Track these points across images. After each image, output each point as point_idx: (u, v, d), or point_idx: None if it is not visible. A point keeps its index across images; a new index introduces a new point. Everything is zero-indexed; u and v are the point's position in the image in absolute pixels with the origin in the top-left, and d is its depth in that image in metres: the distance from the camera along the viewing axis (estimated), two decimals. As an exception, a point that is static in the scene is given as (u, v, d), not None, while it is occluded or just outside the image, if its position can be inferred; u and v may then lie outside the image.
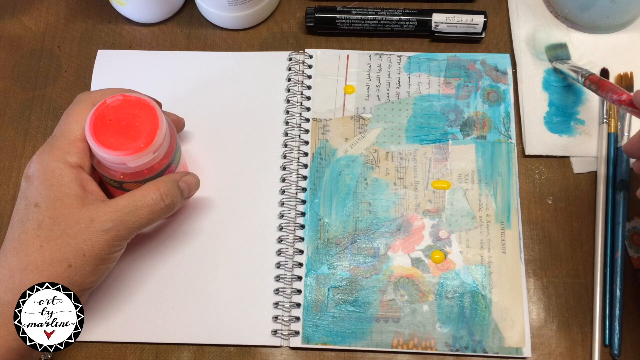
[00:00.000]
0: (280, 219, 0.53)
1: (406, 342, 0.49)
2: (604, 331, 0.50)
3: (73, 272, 0.42)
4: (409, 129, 0.56)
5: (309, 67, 0.58)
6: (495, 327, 0.49)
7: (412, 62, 0.59)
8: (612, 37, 0.59)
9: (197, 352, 0.50)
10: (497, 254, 0.52)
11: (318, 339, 0.50)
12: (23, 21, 0.62)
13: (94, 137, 0.43)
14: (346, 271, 0.51)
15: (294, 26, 0.61)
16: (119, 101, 0.44)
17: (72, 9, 0.62)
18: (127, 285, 0.51)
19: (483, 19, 0.58)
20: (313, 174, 0.54)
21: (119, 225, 0.43)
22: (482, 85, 0.57)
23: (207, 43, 0.60)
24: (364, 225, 0.53)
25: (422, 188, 0.54)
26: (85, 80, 0.59)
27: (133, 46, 0.60)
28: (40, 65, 0.60)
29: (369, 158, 0.55)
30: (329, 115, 0.57)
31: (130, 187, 0.46)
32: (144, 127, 0.43)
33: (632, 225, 0.52)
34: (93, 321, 0.50)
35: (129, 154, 0.42)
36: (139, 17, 0.60)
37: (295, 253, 0.52)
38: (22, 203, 0.43)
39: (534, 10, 0.61)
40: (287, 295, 0.51)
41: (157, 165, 0.45)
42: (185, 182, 0.48)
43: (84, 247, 0.42)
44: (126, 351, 0.50)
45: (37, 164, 0.44)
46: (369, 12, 0.58)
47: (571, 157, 0.55)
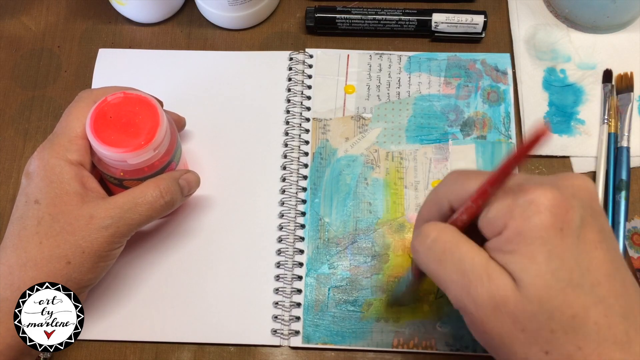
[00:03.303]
0: (281, 218, 0.53)
1: (406, 341, 0.49)
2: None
3: (72, 269, 0.42)
4: (409, 128, 0.56)
5: (309, 66, 0.58)
6: (496, 326, 0.49)
7: (412, 62, 0.59)
8: (612, 37, 0.59)
9: (197, 352, 0.50)
10: (497, 254, 0.52)
11: (318, 338, 0.49)
12: (23, 21, 0.62)
13: (95, 134, 0.43)
14: (346, 271, 0.51)
15: (294, 26, 0.61)
16: (120, 98, 0.44)
17: (72, 9, 0.62)
18: (126, 283, 0.51)
19: (483, 19, 0.58)
20: (313, 174, 0.54)
21: (118, 222, 0.43)
22: (482, 85, 0.57)
23: (207, 43, 0.60)
24: (364, 225, 0.53)
25: (423, 188, 0.54)
26: (85, 80, 0.59)
27: (133, 46, 0.60)
28: (40, 65, 0.60)
29: (369, 158, 0.55)
30: (329, 115, 0.57)
31: (130, 184, 0.46)
32: (145, 124, 0.43)
33: (632, 225, 0.52)
34: (93, 319, 0.50)
35: (129, 151, 0.42)
36: (139, 17, 0.60)
37: (296, 253, 0.52)
38: (22, 200, 0.43)
39: (533, 10, 0.61)
40: (287, 294, 0.51)
41: (157, 163, 0.45)
42: (186, 179, 0.48)
43: (83, 244, 0.42)
44: (126, 351, 0.50)
45: (37, 160, 0.44)
46: (369, 12, 0.59)
47: (571, 157, 0.55)
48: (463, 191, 0.36)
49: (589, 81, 0.57)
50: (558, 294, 0.33)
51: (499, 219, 0.34)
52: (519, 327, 0.33)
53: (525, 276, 0.33)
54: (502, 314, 0.33)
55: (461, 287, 0.35)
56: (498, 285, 0.33)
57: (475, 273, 0.34)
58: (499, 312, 0.33)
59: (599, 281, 0.33)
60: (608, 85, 0.57)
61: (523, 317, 0.33)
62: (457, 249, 0.35)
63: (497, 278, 0.34)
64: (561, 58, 0.59)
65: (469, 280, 0.34)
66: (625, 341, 0.33)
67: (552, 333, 0.33)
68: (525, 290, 0.33)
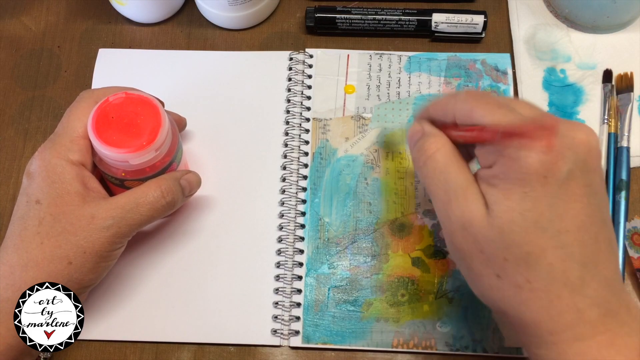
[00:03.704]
0: (281, 218, 0.53)
1: (406, 341, 0.49)
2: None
3: (73, 269, 0.42)
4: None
5: (309, 66, 0.58)
6: (496, 327, 0.49)
7: (412, 61, 0.59)
8: (612, 37, 0.59)
9: (197, 352, 0.50)
10: (497, 254, 0.52)
11: (318, 338, 0.50)
12: (23, 21, 0.62)
13: (96, 135, 0.43)
14: (346, 271, 0.51)
15: (294, 26, 0.61)
16: (122, 99, 0.44)
17: (72, 9, 0.62)
18: (127, 283, 0.51)
19: (483, 19, 0.58)
20: (313, 174, 0.54)
21: (119, 222, 0.43)
22: (482, 85, 0.57)
23: (207, 43, 0.60)
24: (364, 225, 0.53)
25: (422, 188, 0.54)
26: (85, 80, 0.59)
27: (133, 46, 0.60)
28: (40, 65, 0.60)
29: (369, 158, 0.55)
30: (329, 114, 0.57)
31: (131, 184, 0.45)
32: (146, 124, 0.43)
33: (632, 225, 0.52)
34: (93, 319, 0.50)
35: (131, 151, 0.42)
36: (139, 17, 0.60)
37: (296, 252, 0.52)
38: (24, 200, 0.43)
39: (533, 10, 0.61)
40: (287, 294, 0.51)
41: (158, 163, 0.45)
42: (187, 180, 0.48)
43: (84, 244, 0.42)
44: (126, 351, 0.50)
45: (39, 161, 0.44)
46: (369, 12, 0.59)
47: (571, 157, 0.55)
48: (469, 117, 0.39)
49: (589, 81, 0.57)
50: (520, 230, 0.36)
51: (492, 154, 0.37)
52: (478, 247, 0.37)
53: (496, 207, 0.36)
54: (467, 233, 0.38)
55: (443, 202, 0.39)
56: (470, 208, 0.37)
57: (456, 193, 0.38)
58: (465, 231, 0.38)
59: (567, 229, 0.36)
60: (608, 85, 0.57)
61: (483, 240, 0.37)
62: (446, 169, 0.40)
63: (472, 202, 0.38)
64: (561, 58, 0.59)
65: (449, 198, 0.39)
66: (578, 285, 0.36)
67: (505, 261, 0.36)
68: (491, 219, 0.36)
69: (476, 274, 0.38)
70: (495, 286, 0.37)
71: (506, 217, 0.36)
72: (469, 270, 0.39)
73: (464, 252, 0.38)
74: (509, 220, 0.36)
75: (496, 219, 0.36)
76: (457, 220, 0.38)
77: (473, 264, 0.38)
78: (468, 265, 0.38)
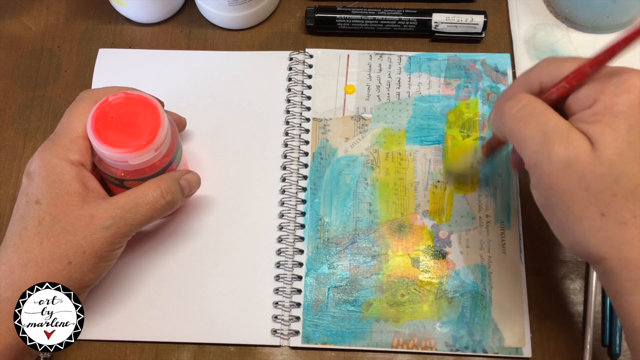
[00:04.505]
0: (281, 218, 0.53)
1: (406, 342, 0.49)
2: (603, 331, 0.50)
3: (73, 269, 0.42)
4: (409, 130, 0.56)
5: (309, 66, 0.58)
6: (495, 327, 0.49)
7: (412, 62, 0.59)
8: (612, 37, 0.59)
9: (197, 352, 0.50)
10: (497, 254, 0.52)
11: (318, 338, 0.50)
12: (23, 21, 0.62)
13: (96, 135, 0.43)
14: (346, 271, 0.51)
15: (294, 26, 0.61)
16: (121, 99, 0.44)
17: (72, 9, 0.62)
18: (126, 283, 0.51)
19: (483, 19, 0.58)
20: (313, 174, 0.55)
21: (119, 222, 0.43)
22: (482, 86, 0.57)
23: (207, 43, 0.60)
24: (364, 225, 0.53)
25: (422, 188, 0.54)
26: (85, 80, 0.59)
27: (133, 46, 0.60)
28: (40, 65, 0.60)
29: (369, 158, 0.55)
30: (329, 115, 0.57)
31: (131, 184, 0.46)
32: (146, 124, 0.43)
33: None
34: (93, 319, 0.50)
35: (130, 151, 0.42)
36: (139, 17, 0.60)
37: (296, 252, 0.52)
38: (23, 200, 0.43)
39: (533, 10, 0.61)
40: (287, 294, 0.51)
41: (158, 163, 0.45)
42: (186, 180, 0.48)
43: (83, 244, 0.42)
44: (126, 351, 0.50)
45: (38, 160, 0.44)
46: (369, 12, 0.59)
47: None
48: (557, 72, 0.39)
49: (589, 81, 0.57)
50: (629, 161, 0.36)
51: (590, 96, 0.37)
52: (583, 185, 0.36)
53: (603, 140, 0.36)
54: (571, 171, 0.36)
55: (540, 143, 0.38)
56: (575, 146, 0.36)
57: (557, 133, 0.37)
58: (569, 170, 0.36)
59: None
60: (608, 86, 0.57)
61: (590, 176, 0.36)
62: (544, 113, 0.39)
63: (576, 139, 0.37)
64: (561, 58, 0.59)
65: (549, 138, 0.37)
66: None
67: (613, 196, 0.36)
68: (599, 153, 0.36)
69: (577, 217, 0.37)
70: (597, 226, 0.36)
71: (615, 149, 0.36)
72: (568, 214, 0.37)
73: (564, 194, 0.37)
74: (618, 153, 0.35)
75: (605, 152, 0.36)
76: (560, 159, 0.37)
77: (574, 205, 0.37)
78: (567, 208, 0.37)
